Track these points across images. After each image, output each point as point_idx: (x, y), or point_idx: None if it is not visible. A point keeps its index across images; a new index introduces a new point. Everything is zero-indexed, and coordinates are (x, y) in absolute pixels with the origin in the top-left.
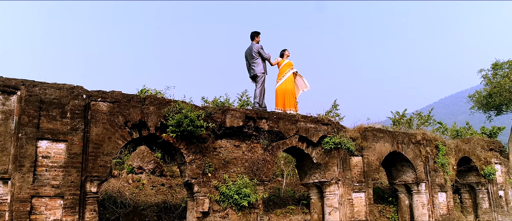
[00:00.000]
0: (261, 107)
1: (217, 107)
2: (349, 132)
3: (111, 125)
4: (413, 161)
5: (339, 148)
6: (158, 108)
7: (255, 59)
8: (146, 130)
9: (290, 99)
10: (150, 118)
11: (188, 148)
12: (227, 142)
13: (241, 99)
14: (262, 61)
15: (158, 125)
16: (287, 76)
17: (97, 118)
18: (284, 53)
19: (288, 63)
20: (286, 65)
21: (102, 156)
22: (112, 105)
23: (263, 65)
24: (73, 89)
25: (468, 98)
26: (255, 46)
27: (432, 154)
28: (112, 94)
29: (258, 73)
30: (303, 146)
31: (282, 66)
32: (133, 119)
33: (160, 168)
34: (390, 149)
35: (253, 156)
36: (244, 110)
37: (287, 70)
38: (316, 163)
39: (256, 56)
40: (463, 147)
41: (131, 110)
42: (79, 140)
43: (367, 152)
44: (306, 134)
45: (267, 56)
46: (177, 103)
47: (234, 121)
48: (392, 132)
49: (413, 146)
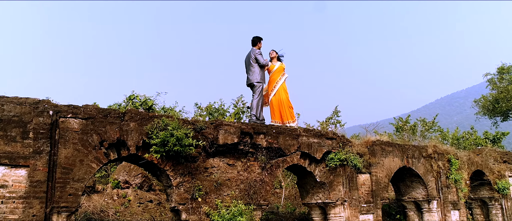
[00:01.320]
0: (259, 120)
1: (209, 121)
2: (355, 146)
3: (83, 145)
4: (424, 177)
5: (345, 165)
6: (140, 124)
7: (252, 66)
8: (125, 150)
9: (286, 109)
10: (130, 136)
11: (175, 169)
12: (220, 161)
13: (236, 105)
14: (259, 68)
15: (139, 144)
16: (279, 85)
17: (66, 138)
18: (270, 56)
19: (279, 68)
20: (277, 71)
21: (72, 183)
22: (85, 122)
23: (260, 73)
24: (37, 104)
25: (474, 103)
26: (254, 51)
27: (444, 168)
28: (85, 109)
29: (254, 82)
30: (305, 163)
31: (272, 72)
32: (110, 138)
33: (148, 182)
34: (399, 164)
35: (250, 176)
36: (239, 124)
37: (279, 78)
38: (320, 181)
39: (253, 63)
40: (476, 160)
41: (108, 128)
42: (43, 165)
43: (375, 168)
44: (309, 150)
45: (264, 62)
46: (162, 119)
47: (228, 138)
48: (402, 145)
49: (424, 160)
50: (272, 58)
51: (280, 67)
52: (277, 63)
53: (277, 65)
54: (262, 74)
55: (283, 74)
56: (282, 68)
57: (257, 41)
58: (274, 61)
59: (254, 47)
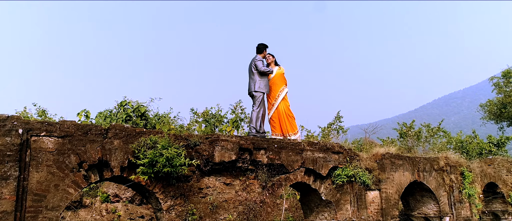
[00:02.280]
0: (259, 133)
1: (204, 136)
2: (363, 161)
3: (59, 168)
4: (435, 192)
5: (352, 181)
6: (126, 142)
7: (253, 74)
8: (109, 171)
9: (286, 120)
10: (114, 156)
11: (166, 191)
12: (216, 180)
13: (234, 110)
14: (260, 76)
15: (125, 164)
16: (282, 97)
17: (39, 160)
18: (267, 61)
19: (278, 74)
20: (276, 78)
21: (45, 212)
22: (61, 141)
23: (261, 81)
24: (4, 122)
25: (480, 107)
26: (255, 58)
27: (457, 182)
28: (62, 126)
29: (253, 91)
30: (310, 180)
31: (271, 79)
32: (91, 158)
33: (140, 196)
34: (410, 178)
35: (249, 196)
36: (237, 139)
37: (278, 94)
38: (325, 200)
39: (254, 70)
40: (488, 171)
41: (88, 147)
42: (10, 192)
43: (385, 184)
44: (314, 166)
45: (262, 69)
46: (149, 137)
47: (225, 155)
48: (412, 158)
49: (435, 173)
50: (269, 63)
51: (279, 73)
52: (275, 68)
53: (275, 70)
54: (263, 83)
55: (283, 88)
56: (281, 73)
57: (263, 48)
58: (272, 66)
59: (258, 54)
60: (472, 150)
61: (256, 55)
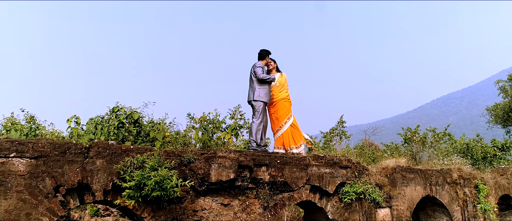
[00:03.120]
0: (260, 146)
1: (199, 151)
2: (373, 176)
3: (32, 193)
4: (448, 206)
5: (362, 198)
6: (110, 161)
7: (252, 82)
8: (90, 195)
9: (289, 133)
10: (96, 178)
11: (156, 215)
12: (212, 201)
13: (233, 116)
14: (259, 84)
15: (108, 187)
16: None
17: (8, 185)
18: (268, 67)
19: (280, 81)
20: (278, 87)
21: None
22: (35, 163)
23: (261, 89)
24: None
25: (486, 111)
26: (255, 64)
27: (471, 196)
28: (35, 145)
29: (252, 100)
30: (315, 198)
31: (271, 87)
32: (69, 181)
33: None
34: (422, 193)
35: (249, 218)
36: (236, 155)
37: (283, 98)
38: (332, 219)
39: (253, 77)
40: (502, 183)
41: (66, 168)
42: None
43: (396, 201)
44: (320, 183)
45: (261, 76)
46: (136, 158)
47: (223, 173)
48: (424, 171)
49: (448, 187)
50: (270, 69)
51: (281, 80)
52: (277, 75)
53: (277, 77)
54: (263, 91)
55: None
56: (282, 82)
57: (265, 54)
58: (274, 72)
59: (260, 61)
60: (476, 153)
61: (257, 61)
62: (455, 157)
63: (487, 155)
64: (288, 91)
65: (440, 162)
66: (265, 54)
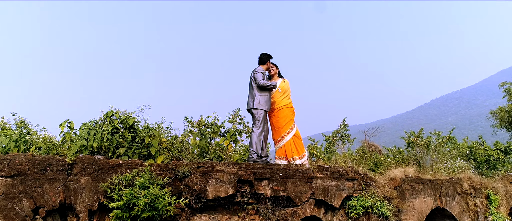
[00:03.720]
0: (261, 158)
1: (195, 164)
2: (381, 188)
3: (7, 217)
4: (459, 218)
5: (369, 213)
6: (96, 178)
7: (252, 88)
8: (74, 216)
9: (292, 143)
10: (80, 198)
11: None
12: (209, 218)
13: (233, 120)
14: (260, 90)
15: (94, 207)
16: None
17: None
18: (270, 72)
19: (282, 88)
20: (279, 94)
21: None
22: (11, 182)
23: (261, 97)
24: None
25: (490, 114)
26: (255, 69)
27: (483, 207)
28: (11, 162)
29: (252, 108)
30: (320, 213)
31: (273, 94)
32: (50, 202)
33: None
34: (432, 205)
35: None
36: (235, 169)
37: (285, 106)
38: None
39: (253, 84)
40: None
41: (47, 187)
42: None
43: (405, 215)
44: (325, 197)
45: (262, 82)
46: (124, 176)
47: (221, 189)
48: (433, 181)
49: (458, 197)
50: (272, 75)
51: (283, 86)
52: (278, 81)
53: (279, 83)
54: (263, 99)
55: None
56: (285, 88)
57: (266, 59)
58: (275, 78)
59: (260, 66)
60: (479, 157)
61: (257, 66)
62: (458, 160)
63: (491, 158)
64: (291, 98)
65: (443, 166)
66: (266, 58)
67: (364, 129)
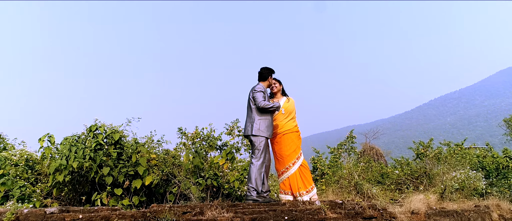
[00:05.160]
0: (261, 196)
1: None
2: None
3: None
4: None
5: None
6: None
7: (251, 110)
8: None
9: (297, 175)
10: None
11: None
12: None
13: (230, 132)
14: (261, 114)
15: None
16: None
17: None
18: (272, 90)
19: (287, 108)
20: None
21: None
22: None
23: (263, 121)
24: None
25: (504, 122)
26: (255, 87)
27: None
28: None
29: (251, 135)
30: None
31: (276, 115)
32: None
33: None
34: None
35: None
36: (230, 216)
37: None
38: None
39: (252, 105)
40: None
41: None
42: None
43: None
44: None
45: (262, 104)
46: None
47: None
48: (460, 213)
49: None
50: (274, 93)
51: (287, 107)
52: (282, 100)
53: (282, 102)
54: (264, 123)
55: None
56: (289, 109)
57: (267, 74)
58: (278, 96)
59: (261, 82)
60: (488, 165)
61: (257, 83)
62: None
63: (500, 167)
64: (296, 120)
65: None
66: (268, 74)
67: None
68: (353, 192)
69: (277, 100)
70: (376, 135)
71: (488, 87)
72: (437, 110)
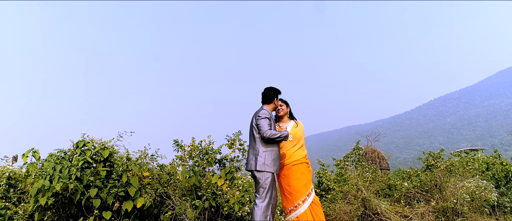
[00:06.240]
0: None
1: None
2: None
3: None
4: None
5: None
6: None
7: (254, 140)
8: None
9: (309, 214)
10: None
11: None
12: None
13: (231, 145)
14: (266, 145)
15: None
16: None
17: None
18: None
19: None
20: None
21: None
22: None
23: (269, 154)
24: None
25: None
26: (259, 112)
27: None
28: None
29: (255, 170)
30: None
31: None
32: None
33: None
34: None
35: None
36: None
37: (299, 161)
38: None
39: (256, 133)
40: None
41: None
42: None
43: None
44: None
45: (269, 134)
46: None
47: None
48: None
49: None
50: (281, 116)
51: (296, 133)
52: (290, 124)
53: (290, 128)
54: (271, 156)
55: (305, 158)
56: (298, 135)
57: (273, 96)
58: (285, 119)
59: (265, 106)
60: (497, 173)
61: (260, 107)
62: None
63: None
64: (305, 147)
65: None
66: (273, 95)
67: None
68: (361, 208)
69: (283, 125)
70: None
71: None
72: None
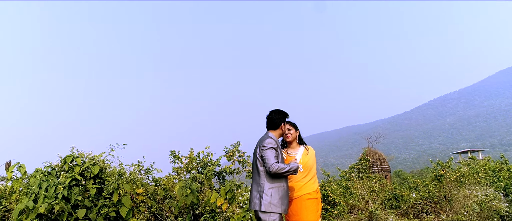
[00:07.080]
0: None
1: None
2: None
3: None
4: None
5: None
6: None
7: (258, 173)
8: None
9: None
10: None
11: None
12: None
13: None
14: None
15: None
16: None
17: None
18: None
19: (305, 164)
20: (305, 173)
21: None
22: None
23: (277, 190)
24: None
25: None
26: (264, 140)
27: None
28: None
29: (259, 211)
30: None
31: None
32: None
33: None
34: None
35: None
36: None
37: (309, 196)
38: None
39: (260, 166)
40: None
41: None
42: None
43: None
44: None
45: (276, 168)
46: None
47: None
48: None
49: None
50: (289, 141)
51: (307, 164)
52: (299, 151)
53: (300, 156)
54: (278, 193)
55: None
56: (309, 164)
57: (280, 121)
58: (294, 145)
59: (271, 132)
60: (504, 179)
61: (265, 134)
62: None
63: None
64: (317, 177)
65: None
66: (280, 120)
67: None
68: None
69: (292, 151)
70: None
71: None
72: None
